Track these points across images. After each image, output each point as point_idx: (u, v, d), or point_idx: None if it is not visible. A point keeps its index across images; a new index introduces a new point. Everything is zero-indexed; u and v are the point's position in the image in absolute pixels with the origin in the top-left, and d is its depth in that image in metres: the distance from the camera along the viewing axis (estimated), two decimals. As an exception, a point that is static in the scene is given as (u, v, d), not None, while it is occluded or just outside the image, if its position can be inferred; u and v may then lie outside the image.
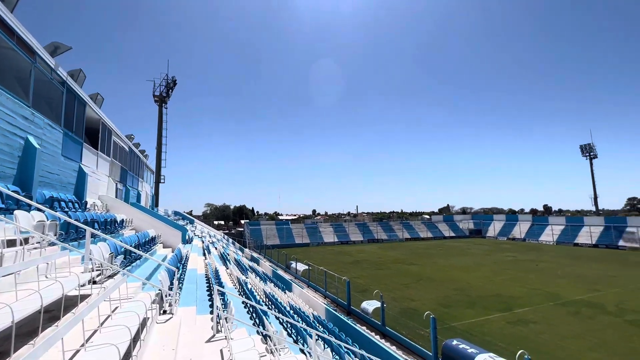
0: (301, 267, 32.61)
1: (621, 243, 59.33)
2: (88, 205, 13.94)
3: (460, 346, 12.98)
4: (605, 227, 65.04)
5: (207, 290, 11.15)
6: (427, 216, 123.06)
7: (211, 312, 7.96)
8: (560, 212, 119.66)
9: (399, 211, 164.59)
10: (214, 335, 6.80)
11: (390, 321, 18.19)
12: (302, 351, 8.04)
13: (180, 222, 33.98)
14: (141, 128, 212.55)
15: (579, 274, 33.18)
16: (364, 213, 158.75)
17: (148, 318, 5.45)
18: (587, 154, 78.40)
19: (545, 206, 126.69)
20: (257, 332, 8.10)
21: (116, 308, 5.54)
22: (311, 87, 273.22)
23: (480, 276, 31.83)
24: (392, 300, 23.08)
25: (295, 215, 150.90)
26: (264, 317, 8.29)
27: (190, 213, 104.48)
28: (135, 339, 4.31)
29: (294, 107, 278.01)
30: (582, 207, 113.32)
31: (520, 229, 78.95)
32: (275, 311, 11.77)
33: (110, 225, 12.42)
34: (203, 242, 28.60)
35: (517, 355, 10.23)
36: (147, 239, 13.88)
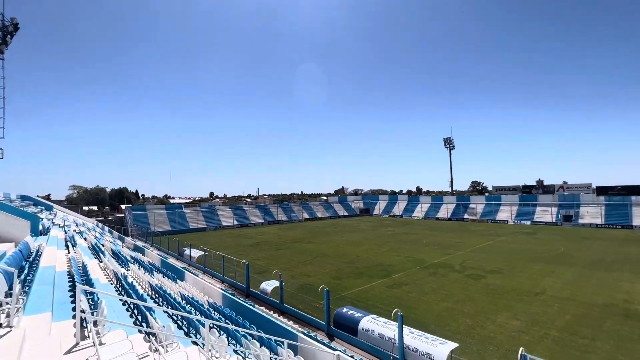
0: (196, 253, 30.45)
1: (466, 216, 76.40)
2: None
3: (349, 312, 14.49)
4: (456, 204, 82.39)
5: (70, 291, 9.17)
6: (325, 197, 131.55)
7: (74, 317, 6.56)
8: (427, 193, 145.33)
9: (299, 193, 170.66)
10: (77, 343, 5.62)
11: (288, 298, 18.89)
12: (194, 343, 7.49)
13: (31, 209, 26.87)
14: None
15: (438, 242, 41.26)
16: (265, 195, 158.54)
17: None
18: (448, 146, 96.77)
19: (417, 188, 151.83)
20: (140, 331, 7.13)
21: None
22: (195, 51, 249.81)
23: (366, 249, 36.09)
24: (291, 278, 23.98)
25: (189, 199, 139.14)
26: (148, 313, 7.32)
27: (47, 198, 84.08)
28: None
29: (189, 71, 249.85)
30: (442, 188, 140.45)
31: (399, 207, 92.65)
32: (164, 305, 10.62)
33: None
34: (66, 233, 23.44)
35: (392, 313, 12.07)
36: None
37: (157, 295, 11.54)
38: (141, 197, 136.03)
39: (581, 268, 25.66)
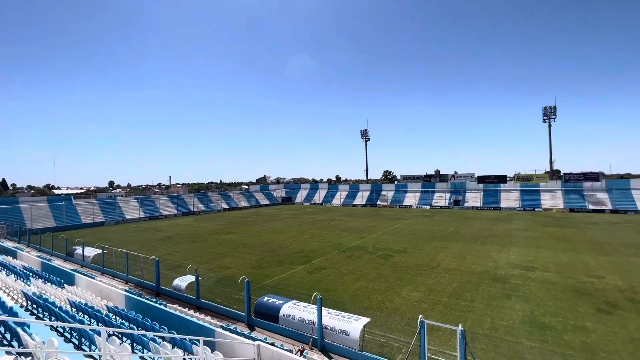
0: (91, 252, 26.21)
1: (378, 202, 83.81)
2: None
3: (270, 300, 14.50)
4: (370, 192, 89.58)
5: None
6: (246, 186, 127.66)
7: None
8: (346, 181, 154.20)
9: (218, 182, 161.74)
10: None
11: (206, 293, 17.87)
12: (89, 357, 6.45)
13: None
14: None
15: (354, 226, 44.33)
16: (179, 184, 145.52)
17: None
18: (364, 138, 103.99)
19: (337, 176, 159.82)
20: (8, 352, 5.76)
21: None
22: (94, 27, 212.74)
23: (288, 237, 36.53)
24: (209, 272, 22.73)
25: (82, 189, 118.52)
26: (19, 329, 5.96)
27: None
28: None
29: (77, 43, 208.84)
30: (359, 177, 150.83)
31: (320, 195, 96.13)
32: (46, 317, 8.83)
33: None
34: None
35: (312, 297, 12.54)
36: None
37: (35, 306, 9.53)
38: (11, 187, 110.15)
39: (465, 243, 30.88)
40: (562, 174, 69.64)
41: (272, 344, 10.35)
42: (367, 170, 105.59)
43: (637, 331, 12.71)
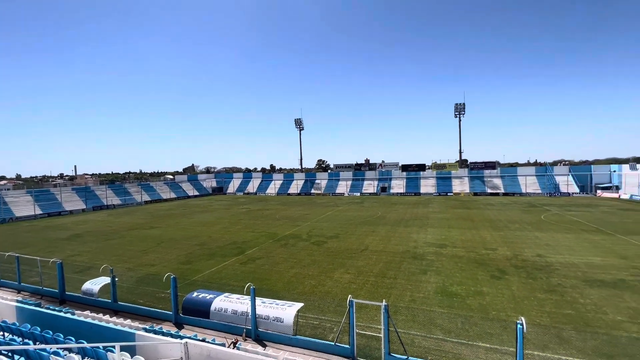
0: (-34, 259, 21.29)
1: (313, 191, 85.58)
2: None
3: (200, 296, 13.82)
4: (305, 181, 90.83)
5: None
6: (171, 176, 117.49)
7: None
8: (280, 170, 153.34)
9: (137, 172, 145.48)
10: None
11: (125, 294, 16.16)
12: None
13: None
14: None
15: (289, 215, 44.62)
16: (87, 175, 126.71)
17: None
18: (298, 126, 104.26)
19: (271, 165, 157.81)
20: None
21: None
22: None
23: (219, 229, 35.02)
24: (128, 271, 20.56)
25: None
26: None
27: None
28: None
29: None
30: (294, 166, 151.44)
31: (254, 185, 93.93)
32: None
33: None
34: None
35: (245, 288, 12.33)
36: None
37: None
38: None
39: (390, 226, 33.69)
40: (468, 162, 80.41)
41: (203, 340, 9.93)
42: (301, 159, 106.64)
43: (518, 290, 15.62)
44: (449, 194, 71.88)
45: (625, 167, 61.74)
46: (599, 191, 61.15)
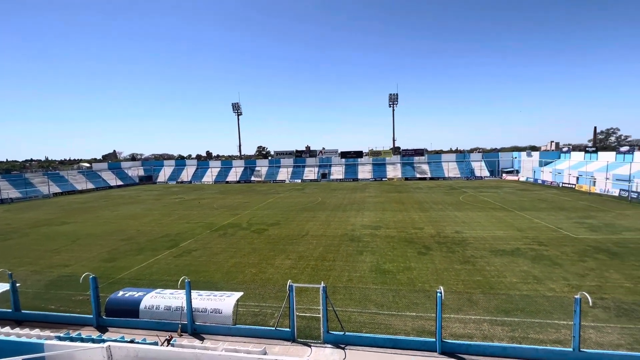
0: None
1: (253, 178, 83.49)
2: None
3: (127, 294, 12.65)
4: (244, 168, 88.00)
5: None
6: (87, 164, 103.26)
7: None
8: (218, 157, 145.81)
9: (43, 159, 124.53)
10: None
11: (31, 301, 14.00)
12: None
13: None
14: None
15: (227, 204, 42.98)
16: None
17: None
18: (236, 111, 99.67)
19: (207, 152, 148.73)
20: None
21: None
22: None
23: (150, 221, 32.20)
24: (34, 274, 17.78)
25: None
26: None
27: None
28: None
29: None
30: (232, 152, 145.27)
31: (188, 173, 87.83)
32: None
33: None
34: None
35: (179, 282, 11.64)
36: None
37: None
38: None
39: (330, 211, 34.81)
40: (401, 150, 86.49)
41: (131, 341, 9.17)
42: (240, 146, 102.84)
43: (440, 264, 17.62)
44: (383, 179, 76.74)
45: (523, 154, 73.10)
46: (504, 175, 71.39)
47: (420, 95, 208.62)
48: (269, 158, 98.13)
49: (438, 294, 9.62)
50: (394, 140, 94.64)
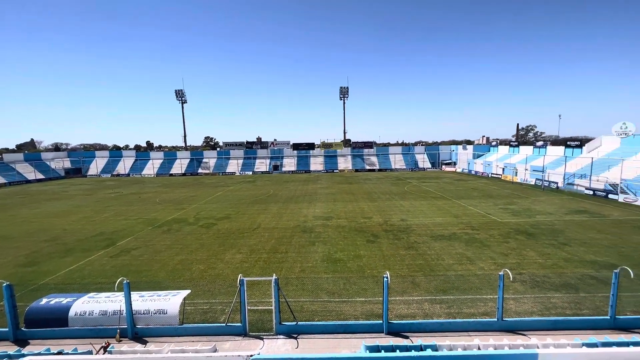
0: None
1: (200, 170, 79.25)
2: None
3: (52, 302, 11.26)
4: (190, 159, 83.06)
5: None
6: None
7: None
8: (160, 148, 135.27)
9: None
10: None
11: None
12: None
13: None
14: None
15: (172, 198, 40.31)
16: None
17: None
18: (180, 99, 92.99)
19: (148, 142, 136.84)
20: None
21: None
22: None
23: (79, 219, 28.89)
24: None
25: None
26: None
27: None
28: None
29: None
30: (176, 143, 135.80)
31: (125, 165, 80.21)
32: None
33: None
34: None
35: (116, 284, 10.66)
36: None
37: None
38: None
39: (282, 203, 34.61)
40: (351, 142, 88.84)
41: (59, 353, 8.24)
42: (185, 136, 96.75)
43: (387, 250, 18.67)
44: (335, 170, 78.34)
45: (460, 147, 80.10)
46: (443, 166, 77.56)
47: (369, 90, 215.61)
48: (218, 149, 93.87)
49: (385, 279, 10.20)
50: (344, 133, 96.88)
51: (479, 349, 7.93)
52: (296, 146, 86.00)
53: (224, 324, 10.70)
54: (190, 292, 12.13)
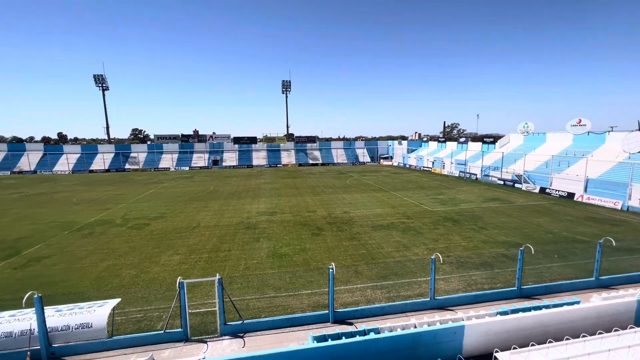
0: None
1: (127, 166, 71.55)
2: None
3: None
4: (115, 154, 74.44)
5: None
6: None
7: None
8: (76, 141, 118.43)
9: None
10: None
11: None
12: None
13: None
14: None
15: (93, 197, 35.72)
16: None
17: None
18: (100, 85, 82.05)
19: (60, 134, 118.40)
20: None
21: None
22: None
23: (-31, 226, 23.91)
24: None
25: None
26: None
27: None
28: None
29: None
30: (96, 136, 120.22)
31: (30, 160, 68.56)
32: None
33: None
34: None
35: (24, 300, 9.09)
36: None
37: None
38: None
39: (224, 200, 33.16)
40: (294, 137, 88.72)
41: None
42: (107, 127, 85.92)
43: (331, 242, 19.19)
44: (278, 165, 77.55)
45: (396, 143, 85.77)
46: (381, 160, 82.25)
47: (311, 86, 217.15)
48: (149, 142, 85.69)
49: (330, 270, 10.49)
50: (287, 127, 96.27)
51: (415, 327, 8.68)
52: (237, 140, 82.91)
53: (162, 331, 9.92)
54: (121, 301, 10.97)
